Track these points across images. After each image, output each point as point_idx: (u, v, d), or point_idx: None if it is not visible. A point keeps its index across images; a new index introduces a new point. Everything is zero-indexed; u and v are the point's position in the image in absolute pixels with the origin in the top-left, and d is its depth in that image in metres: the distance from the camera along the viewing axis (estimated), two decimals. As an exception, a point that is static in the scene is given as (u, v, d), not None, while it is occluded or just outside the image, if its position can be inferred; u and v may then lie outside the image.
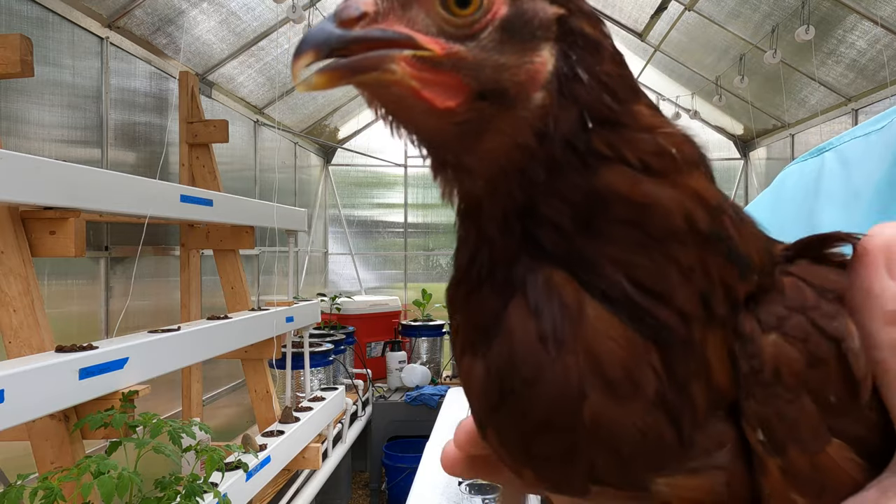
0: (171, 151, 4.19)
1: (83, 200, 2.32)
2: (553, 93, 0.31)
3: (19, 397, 1.81)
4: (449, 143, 0.32)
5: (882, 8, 4.63)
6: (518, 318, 0.30)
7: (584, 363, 0.28)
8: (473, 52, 0.31)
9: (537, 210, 0.30)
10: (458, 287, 0.35)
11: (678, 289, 0.29)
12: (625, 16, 6.91)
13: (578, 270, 0.29)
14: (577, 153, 0.30)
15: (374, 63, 0.31)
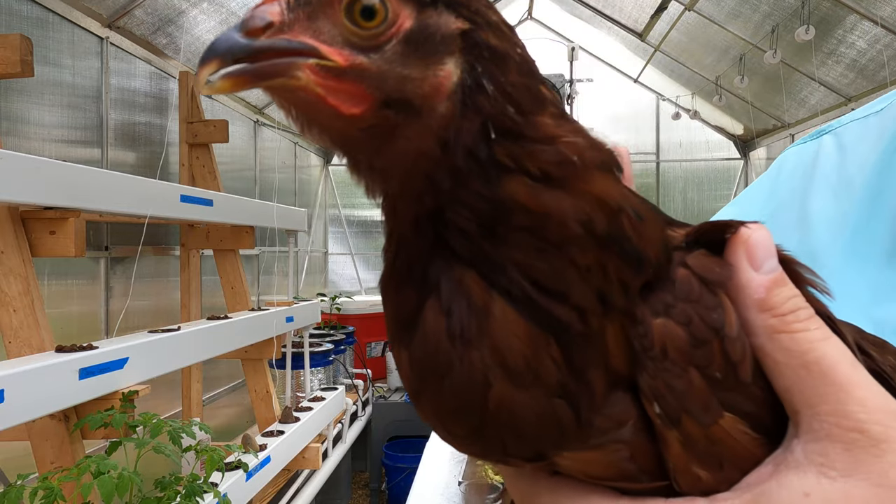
0: (171, 151, 4.19)
1: (83, 200, 2.32)
2: (457, 104, 0.32)
3: (19, 397, 1.81)
4: (358, 147, 0.34)
5: (882, 8, 4.63)
6: (432, 316, 0.32)
7: (488, 357, 0.31)
8: (377, 64, 0.32)
9: (445, 215, 0.32)
10: (389, 280, 0.36)
11: (575, 287, 0.31)
12: (625, 16, 6.91)
13: (486, 272, 0.32)
14: (479, 163, 0.32)
15: (280, 70, 0.32)
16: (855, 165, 0.66)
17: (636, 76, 8.35)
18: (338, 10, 0.33)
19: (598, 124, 8.28)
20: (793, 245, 0.68)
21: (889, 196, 0.61)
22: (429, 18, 0.33)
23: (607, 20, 7.20)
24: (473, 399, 0.31)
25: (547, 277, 0.31)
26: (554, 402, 0.31)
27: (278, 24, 0.32)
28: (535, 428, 0.31)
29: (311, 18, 0.33)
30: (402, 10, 0.33)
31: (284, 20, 0.32)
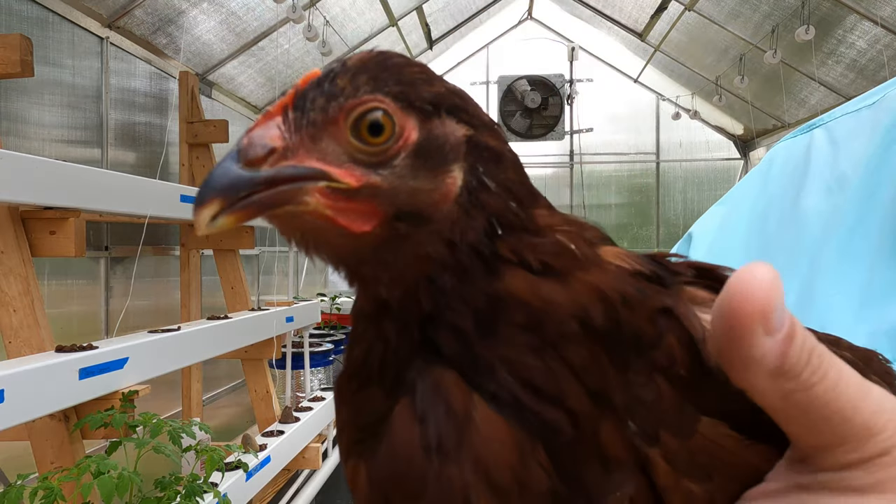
0: (171, 151, 4.19)
1: (83, 200, 2.32)
2: (463, 205, 0.32)
3: (19, 397, 1.81)
4: (364, 261, 0.32)
5: (882, 8, 4.63)
6: (402, 424, 0.29)
7: (469, 472, 0.28)
8: (388, 180, 0.31)
9: (441, 316, 0.31)
10: (350, 381, 0.34)
11: (569, 389, 0.29)
12: (625, 16, 6.91)
13: (471, 373, 0.30)
14: (482, 259, 0.31)
15: (288, 197, 0.31)
16: (848, 161, 0.65)
17: (636, 76, 8.35)
18: (343, 128, 0.31)
19: (598, 124, 8.28)
20: (787, 242, 0.65)
21: (883, 193, 0.59)
22: (435, 129, 0.32)
23: (607, 20, 7.20)
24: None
25: (540, 377, 0.29)
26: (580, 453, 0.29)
27: (281, 150, 0.31)
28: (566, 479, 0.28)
29: (315, 139, 0.31)
30: (408, 122, 0.32)
31: (287, 144, 0.31)
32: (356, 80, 0.32)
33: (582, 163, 8.11)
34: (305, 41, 5.18)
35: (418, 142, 0.32)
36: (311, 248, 0.34)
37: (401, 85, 0.32)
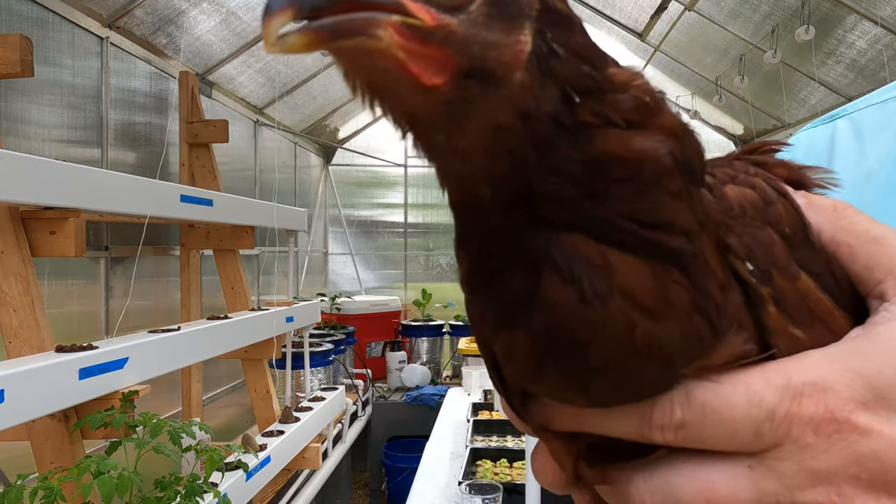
0: (171, 151, 4.19)
1: (83, 200, 2.33)
2: (533, 72, 0.30)
3: (19, 397, 1.81)
4: (433, 125, 0.31)
5: (882, 8, 4.63)
6: (554, 287, 0.31)
7: (625, 306, 0.31)
8: (463, 26, 0.29)
9: (537, 189, 0.31)
10: (475, 274, 0.35)
11: (678, 214, 0.32)
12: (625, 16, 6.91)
13: (590, 231, 0.31)
14: (565, 128, 0.31)
15: (360, 26, 0.28)
16: (875, 155, 0.62)
17: (636, 76, 8.35)
18: None
19: (598, 124, 8.28)
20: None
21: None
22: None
23: (607, 20, 7.20)
24: (623, 349, 0.31)
25: (652, 214, 0.31)
26: (693, 319, 0.32)
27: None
28: (681, 350, 0.32)
29: None
30: None
31: None
32: None
33: (582, 163, 8.10)
34: (305, 41, 5.18)
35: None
36: (377, 97, 0.32)
37: None
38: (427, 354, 7.36)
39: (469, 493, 2.70)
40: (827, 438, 0.31)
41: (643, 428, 0.33)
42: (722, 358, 0.33)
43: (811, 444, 0.32)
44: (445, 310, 7.98)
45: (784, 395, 0.32)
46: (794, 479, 0.32)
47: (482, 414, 4.64)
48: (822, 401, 0.32)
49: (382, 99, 0.32)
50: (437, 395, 6.34)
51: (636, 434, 0.34)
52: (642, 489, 0.34)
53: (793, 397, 0.32)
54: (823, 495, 0.32)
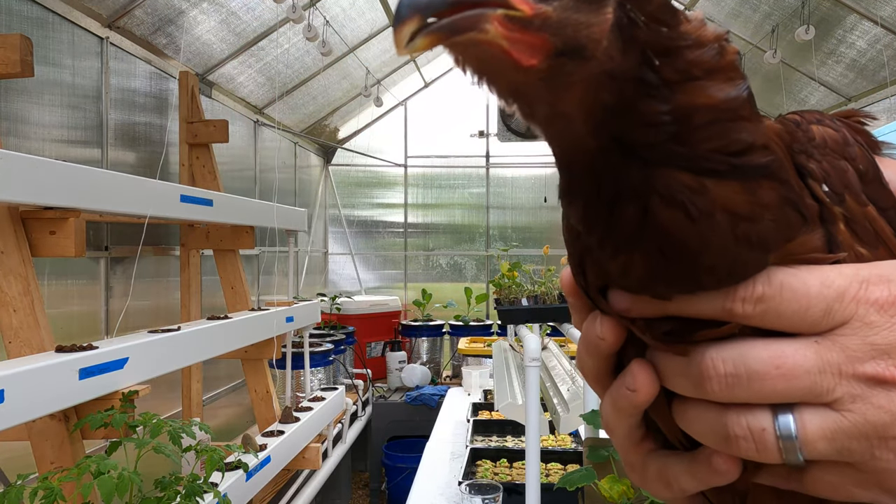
0: (171, 151, 4.19)
1: (83, 200, 2.33)
2: (616, 40, 0.35)
3: (19, 397, 1.81)
4: (536, 96, 0.36)
5: (882, 8, 4.63)
6: (664, 213, 0.36)
7: (726, 218, 0.36)
8: (557, 11, 0.34)
9: (633, 136, 0.36)
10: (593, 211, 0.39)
11: (756, 136, 0.37)
12: (625, 16, 6.90)
13: (684, 165, 0.36)
14: (651, 87, 0.35)
15: (471, 23, 0.33)
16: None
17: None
18: None
19: (598, 124, 8.28)
20: None
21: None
22: None
23: (607, 20, 7.21)
24: (728, 251, 0.37)
25: (737, 143, 0.36)
26: (784, 210, 0.37)
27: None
28: (774, 237, 0.37)
29: None
30: None
31: None
32: None
33: (582, 163, 8.10)
34: (305, 41, 5.19)
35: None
36: (486, 80, 0.37)
37: None
38: (427, 354, 7.36)
39: (469, 493, 2.69)
40: (890, 318, 0.36)
41: (728, 302, 0.37)
42: (802, 247, 0.38)
43: (875, 322, 0.36)
44: (445, 310, 7.97)
45: (853, 281, 0.37)
46: (858, 351, 0.36)
47: (482, 414, 4.64)
48: (886, 288, 0.37)
49: (489, 80, 0.36)
50: (437, 395, 6.34)
51: (721, 310, 0.38)
52: (715, 357, 0.38)
53: (861, 282, 0.37)
54: (882, 367, 0.36)
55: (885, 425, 0.36)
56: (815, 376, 0.36)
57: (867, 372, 0.36)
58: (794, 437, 0.37)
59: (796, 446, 0.37)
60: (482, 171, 8.67)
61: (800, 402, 0.37)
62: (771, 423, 0.37)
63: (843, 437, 0.36)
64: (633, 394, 0.41)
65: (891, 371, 0.36)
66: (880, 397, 0.36)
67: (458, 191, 8.76)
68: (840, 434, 0.36)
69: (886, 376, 0.36)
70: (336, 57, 6.04)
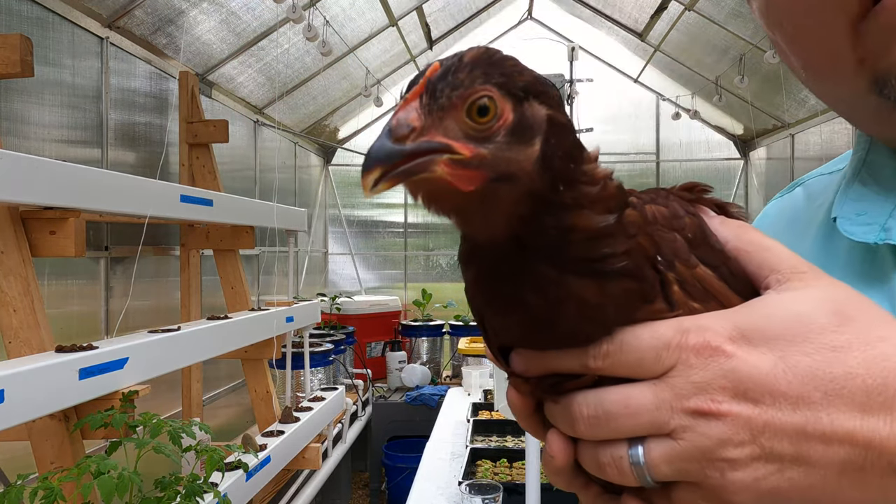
0: (171, 151, 4.19)
1: (83, 200, 2.32)
2: (538, 167, 0.43)
3: (19, 397, 1.81)
4: (470, 211, 0.45)
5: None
6: (532, 296, 0.45)
7: (577, 305, 0.45)
8: (491, 152, 0.42)
9: (528, 239, 0.45)
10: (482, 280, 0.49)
11: (618, 247, 0.46)
12: (625, 16, 6.92)
13: (556, 264, 0.45)
14: (552, 206, 0.44)
15: (423, 167, 0.42)
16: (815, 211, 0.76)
17: (636, 76, 8.34)
18: (461, 111, 0.42)
19: (598, 124, 8.27)
20: None
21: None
22: (525, 111, 0.43)
23: (607, 20, 7.20)
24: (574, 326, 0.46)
25: (600, 254, 0.45)
26: (628, 297, 0.46)
27: (419, 129, 0.41)
28: (615, 320, 0.46)
29: (442, 119, 0.42)
30: (506, 106, 0.43)
31: (423, 124, 0.42)
32: (472, 73, 0.42)
33: (582, 163, 8.09)
34: (305, 41, 5.18)
35: (514, 121, 0.43)
36: (434, 203, 0.45)
37: (503, 77, 0.43)
38: (427, 354, 7.36)
39: (469, 493, 2.69)
40: (704, 360, 0.44)
41: (584, 359, 0.47)
42: (645, 314, 0.46)
43: (694, 364, 0.44)
44: (445, 310, 7.97)
45: (676, 332, 0.45)
46: (682, 389, 0.44)
47: (482, 414, 4.64)
48: (702, 334, 0.45)
49: (437, 203, 0.45)
50: (437, 395, 6.34)
51: (581, 365, 0.47)
52: (581, 403, 0.47)
53: (682, 332, 0.45)
54: (701, 401, 0.44)
55: (709, 449, 0.43)
56: (654, 412, 0.45)
57: (691, 406, 0.44)
58: (642, 463, 0.45)
59: (644, 471, 0.45)
60: (482, 171, 8.66)
61: (648, 435, 0.45)
62: (626, 453, 0.46)
63: (678, 461, 0.44)
64: (553, 458, 0.50)
65: (707, 404, 0.44)
66: (703, 426, 0.44)
67: (458, 191, 8.75)
68: (676, 458, 0.44)
69: (704, 409, 0.44)
70: (336, 57, 6.04)
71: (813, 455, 0.42)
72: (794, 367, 0.43)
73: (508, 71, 0.43)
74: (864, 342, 0.43)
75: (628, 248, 0.46)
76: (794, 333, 0.44)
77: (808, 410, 0.42)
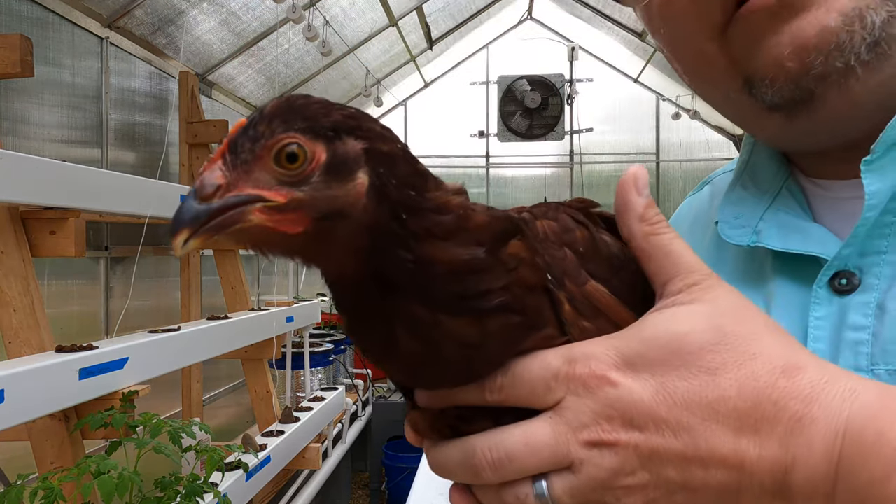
0: (171, 151, 4.19)
1: (83, 200, 2.32)
2: (372, 199, 0.43)
3: (19, 397, 1.81)
4: (307, 251, 0.45)
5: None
6: (404, 338, 0.45)
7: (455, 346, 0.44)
8: (308, 193, 0.42)
9: (387, 275, 0.44)
10: (353, 326, 0.48)
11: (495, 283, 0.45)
12: (625, 16, 6.92)
13: (426, 302, 0.44)
14: (400, 237, 0.43)
15: (236, 219, 0.42)
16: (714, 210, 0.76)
17: (636, 76, 8.34)
18: (268, 160, 0.42)
19: (598, 124, 8.27)
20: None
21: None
22: (338, 148, 0.43)
23: (607, 20, 7.20)
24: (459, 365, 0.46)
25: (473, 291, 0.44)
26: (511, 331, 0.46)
27: (225, 185, 0.42)
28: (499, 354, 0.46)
29: (249, 172, 0.42)
30: (316, 147, 0.42)
31: (229, 180, 0.42)
32: (272, 123, 0.43)
33: (582, 163, 8.11)
34: (305, 41, 5.18)
35: (327, 161, 0.43)
36: (262, 249, 0.45)
37: (307, 121, 0.43)
38: (427, 354, 7.36)
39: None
40: (591, 390, 0.45)
41: (481, 393, 0.47)
42: (534, 344, 0.47)
43: (583, 395, 0.45)
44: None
45: (564, 361, 0.46)
46: (575, 420, 0.45)
47: (482, 414, 4.63)
48: (588, 364, 0.45)
49: (268, 249, 0.45)
50: (437, 395, 6.33)
51: (479, 398, 0.47)
52: (482, 447, 0.47)
53: (570, 362, 0.46)
54: (594, 431, 0.45)
55: (605, 479, 0.44)
56: (553, 447, 0.45)
57: (585, 438, 0.45)
58: (547, 498, 0.46)
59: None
60: (482, 171, 8.67)
61: (552, 470, 0.46)
62: (531, 490, 0.46)
63: (580, 493, 0.45)
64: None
65: (599, 435, 0.45)
66: (597, 457, 0.45)
67: (458, 191, 8.76)
68: (577, 490, 0.45)
69: (596, 439, 0.45)
70: (336, 57, 6.04)
71: (695, 479, 0.43)
72: (674, 393, 0.43)
73: (312, 114, 0.43)
74: (738, 362, 0.43)
75: (507, 282, 0.45)
76: (674, 357, 0.44)
77: (687, 436, 0.43)
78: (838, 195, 0.63)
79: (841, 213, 0.62)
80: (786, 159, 0.69)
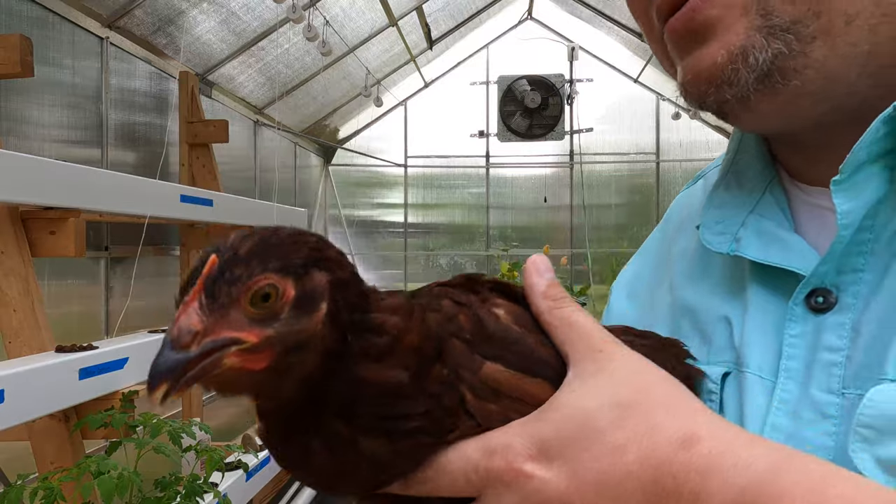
0: (171, 151, 4.19)
1: (83, 200, 2.33)
2: (326, 324, 0.43)
3: (19, 397, 1.81)
4: (263, 386, 0.45)
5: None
6: (322, 453, 0.45)
7: (368, 463, 0.45)
8: (278, 330, 0.42)
9: (324, 395, 0.45)
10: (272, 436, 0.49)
11: (415, 409, 0.45)
12: (625, 16, 6.91)
13: (348, 420, 0.45)
14: (343, 358, 0.44)
15: (213, 365, 0.42)
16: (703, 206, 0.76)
17: (636, 76, 8.34)
18: (244, 302, 0.42)
19: (598, 124, 8.28)
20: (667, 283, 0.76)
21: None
22: (306, 283, 0.43)
23: (607, 20, 7.21)
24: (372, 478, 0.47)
25: (393, 413, 0.45)
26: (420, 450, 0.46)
27: (202, 331, 0.42)
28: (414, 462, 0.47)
29: (225, 315, 0.42)
30: (287, 284, 0.43)
31: (206, 325, 0.42)
32: (250, 266, 0.43)
33: (582, 163, 8.12)
34: (305, 41, 5.18)
35: (296, 296, 0.43)
36: (230, 390, 0.46)
37: (280, 260, 0.43)
38: (427, 354, 7.36)
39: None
40: (508, 483, 0.45)
41: (408, 488, 0.48)
42: (454, 438, 0.47)
43: (499, 487, 0.46)
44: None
45: (483, 454, 0.46)
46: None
47: (482, 414, 4.63)
48: (504, 456, 0.45)
49: (232, 390, 0.46)
50: (437, 395, 6.33)
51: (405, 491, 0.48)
52: None
53: (489, 455, 0.46)
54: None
55: None
56: None
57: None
58: None
59: None
60: (482, 171, 8.67)
61: None
62: None
63: None
64: None
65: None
66: None
67: (458, 191, 8.77)
68: None
69: None
70: (336, 57, 6.04)
71: None
72: (585, 478, 0.44)
73: (286, 252, 0.44)
74: (641, 435, 0.44)
75: (427, 408, 0.45)
76: (584, 438, 0.45)
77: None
78: (820, 203, 0.61)
79: (822, 223, 0.60)
80: (772, 159, 0.68)
